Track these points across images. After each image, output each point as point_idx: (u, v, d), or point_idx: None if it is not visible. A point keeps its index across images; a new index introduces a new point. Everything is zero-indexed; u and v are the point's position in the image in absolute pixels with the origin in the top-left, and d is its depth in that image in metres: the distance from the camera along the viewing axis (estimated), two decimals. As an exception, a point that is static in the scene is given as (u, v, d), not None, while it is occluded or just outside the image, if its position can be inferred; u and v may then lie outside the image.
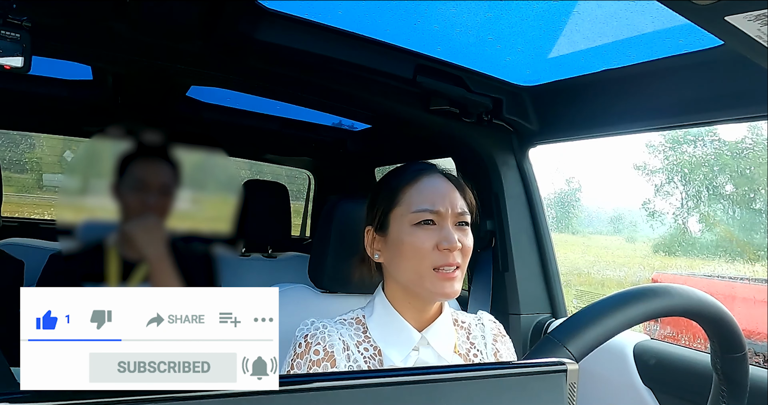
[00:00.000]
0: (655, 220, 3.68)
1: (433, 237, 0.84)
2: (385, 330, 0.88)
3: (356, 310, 0.94)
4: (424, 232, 0.85)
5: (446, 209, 0.86)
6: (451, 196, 0.88)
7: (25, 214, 2.94)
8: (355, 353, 0.86)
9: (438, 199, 0.86)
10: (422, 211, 0.85)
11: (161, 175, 1.42)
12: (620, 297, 0.53)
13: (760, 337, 2.31)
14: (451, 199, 0.87)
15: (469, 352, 0.93)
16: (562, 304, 1.46)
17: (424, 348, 0.88)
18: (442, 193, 0.87)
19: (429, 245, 0.84)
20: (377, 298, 0.92)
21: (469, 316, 0.99)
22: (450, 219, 0.86)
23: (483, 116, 1.39)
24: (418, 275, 0.84)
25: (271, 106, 1.90)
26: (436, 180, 0.90)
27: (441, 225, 0.85)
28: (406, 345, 0.87)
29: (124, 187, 1.41)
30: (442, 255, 0.83)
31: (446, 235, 0.84)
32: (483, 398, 0.37)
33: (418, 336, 0.87)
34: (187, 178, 1.47)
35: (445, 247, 0.83)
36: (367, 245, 0.92)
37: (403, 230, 0.86)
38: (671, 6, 0.47)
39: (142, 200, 1.39)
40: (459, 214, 0.87)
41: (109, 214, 1.43)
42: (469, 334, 0.96)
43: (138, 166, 1.41)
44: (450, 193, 0.88)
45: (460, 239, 0.85)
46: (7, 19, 0.94)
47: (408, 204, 0.87)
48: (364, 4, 1.12)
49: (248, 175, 2.76)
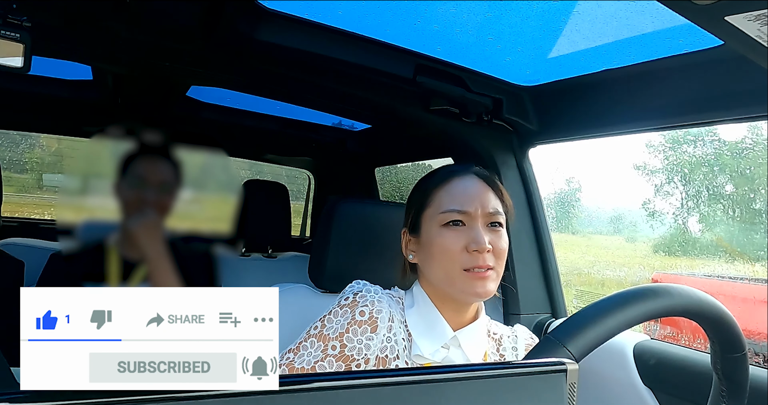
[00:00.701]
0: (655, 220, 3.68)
1: (461, 238, 0.83)
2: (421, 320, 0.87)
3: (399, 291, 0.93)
4: (453, 233, 0.83)
5: (476, 209, 0.84)
6: (482, 196, 0.86)
7: (25, 214, 2.94)
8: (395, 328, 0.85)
9: (467, 199, 0.85)
10: (450, 211, 0.84)
11: (161, 173, 1.42)
12: (620, 297, 0.53)
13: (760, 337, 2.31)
14: (482, 200, 0.86)
15: None
16: (562, 304, 1.46)
17: (454, 348, 0.87)
18: (472, 194, 0.86)
19: (458, 247, 0.82)
20: (416, 291, 0.90)
21: (503, 328, 0.98)
22: (480, 219, 0.84)
23: (483, 116, 1.39)
24: (449, 277, 0.83)
25: (271, 106, 1.90)
26: (468, 181, 0.88)
27: (470, 226, 0.84)
28: (438, 339, 0.85)
29: (124, 186, 1.41)
30: (472, 257, 0.82)
31: (475, 237, 0.82)
32: (483, 398, 0.37)
33: (452, 334, 0.86)
34: (188, 178, 1.47)
35: (474, 249, 0.81)
36: (403, 246, 0.93)
37: (432, 231, 0.85)
38: (671, 6, 0.47)
39: (140, 196, 1.39)
40: (490, 214, 0.85)
41: (110, 214, 1.43)
42: (500, 345, 0.95)
43: (138, 164, 1.42)
44: (481, 193, 0.87)
45: (491, 241, 0.83)
46: (7, 19, 0.94)
47: (437, 205, 0.86)
48: (364, 4, 1.12)
49: (248, 175, 2.76)
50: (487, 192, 0.87)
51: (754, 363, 0.74)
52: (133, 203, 1.40)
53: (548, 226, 1.47)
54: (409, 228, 0.92)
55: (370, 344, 0.82)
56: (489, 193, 0.87)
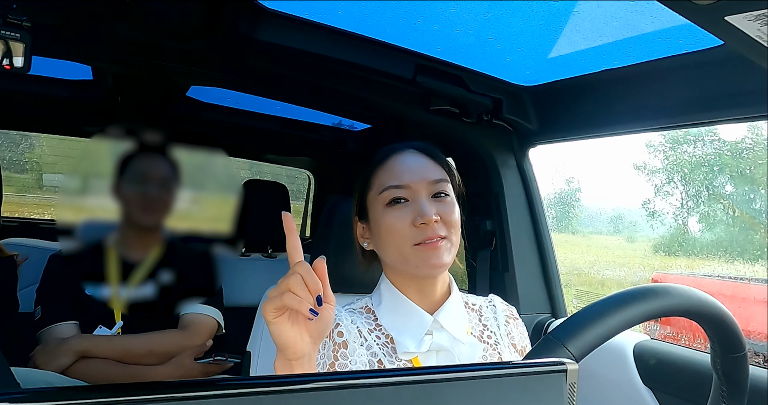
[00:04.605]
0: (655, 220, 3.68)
1: (407, 214, 0.80)
2: (395, 316, 0.84)
3: (364, 299, 0.90)
4: (397, 211, 0.80)
5: (416, 181, 0.81)
6: (421, 168, 0.83)
7: (25, 214, 2.94)
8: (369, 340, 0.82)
9: (405, 173, 0.82)
10: (390, 188, 0.81)
11: (161, 169, 1.43)
12: (620, 297, 0.53)
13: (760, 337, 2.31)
14: (422, 171, 0.82)
15: (483, 334, 0.89)
16: (562, 304, 1.46)
17: (437, 331, 0.83)
18: (411, 167, 0.82)
19: (405, 223, 0.79)
20: (383, 285, 0.88)
21: (479, 299, 0.95)
22: (424, 191, 0.81)
23: (483, 116, 1.39)
24: (402, 254, 0.80)
25: (271, 106, 1.90)
26: (406, 156, 0.85)
27: (414, 199, 0.80)
28: (418, 330, 0.82)
29: (124, 184, 1.41)
30: (420, 230, 0.79)
31: (420, 210, 0.79)
32: (483, 398, 0.37)
33: (430, 319, 0.83)
34: (188, 178, 1.47)
35: (421, 222, 0.78)
36: (356, 236, 0.90)
37: (378, 213, 0.82)
38: (671, 6, 0.47)
39: (142, 193, 1.40)
40: (433, 183, 0.82)
41: (109, 214, 1.43)
42: (481, 315, 0.92)
43: (138, 162, 1.42)
44: (420, 165, 0.83)
45: (438, 211, 0.79)
46: (7, 19, 0.94)
47: (378, 185, 0.83)
48: (364, 4, 1.12)
49: (248, 175, 2.76)
50: (427, 162, 0.84)
51: (754, 363, 0.75)
52: (134, 200, 1.40)
53: (548, 226, 1.47)
54: (357, 215, 0.89)
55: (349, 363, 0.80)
56: (430, 163, 0.84)
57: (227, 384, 0.32)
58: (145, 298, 1.42)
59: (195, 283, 1.48)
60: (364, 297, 0.91)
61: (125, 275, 1.42)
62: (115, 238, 1.46)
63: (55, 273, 1.40)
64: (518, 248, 1.43)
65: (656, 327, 2.56)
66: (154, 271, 1.45)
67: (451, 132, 1.46)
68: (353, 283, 1.07)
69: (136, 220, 1.42)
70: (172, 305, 1.44)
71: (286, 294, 0.60)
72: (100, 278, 1.40)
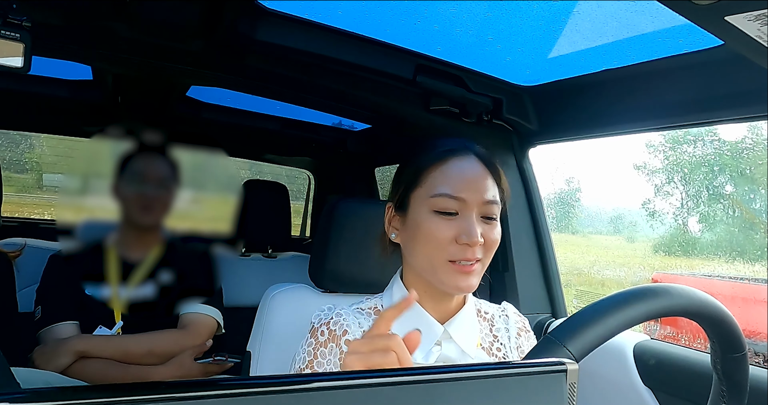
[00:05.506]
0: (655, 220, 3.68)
1: (452, 228, 0.76)
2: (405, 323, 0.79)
3: (373, 299, 0.87)
4: (444, 221, 0.76)
5: (472, 197, 0.77)
6: (480, 182, 0.78)
7: (25, 214, 2.94)
8: None
9: (464, 184, 0.77)
10: (443, 195, 0.77)
11: (159, 169, 1.43)
12: (620, 297, 0.53)
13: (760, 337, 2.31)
14: (480, 186, 0.78)
15: (492, 346, 0.87)
16: (562, 304, 1.46)
17: (446, 342, 0.81)
18: (470, 178, 0.78)
19: (447, 236, 0.76)
20: (395, 287, 0.85)
21: (492, 307, 0.92)
22: (476, 209, 0.77)
23: (483, 116, 1.39)
24: (432, 265, 0.77)
25: (271, 106, 1.90)
26: (467, 162, 0.80)
27: (464, 215, 0.77)
28: (428, 340, 0.79)
29: (123, 184, 1.41)
30: (461, 249, 0.75)
31: (468, 228, 0.75)
32: (483, 398, 0.37)
33: (441, 329, 0.80)
34: (188, 178, 1.47)
35: (464, 242, 0.75)
36: (387, 223, 0.85)
37: (421, 214, 0.78)
38: (671, 6, 0.47)
39: (141, 193, 1.40)
40: (487, 204, 0.78)
41: (109, 214, 1.43)
42: (492, 326, 0.89)
43: (137, 162, 1.43)
44: (480, 178, 0.79)
45: (483, 233, 0.76)
46: (7, 19, 0.94)
47: (430, 186, 0.78)
48: (364, 4, 1.12)
49: (248, 175, 2.76)
50: (486, 177, 0.80)
51: (754, 363, 0.74)
52: (133, 200, 1.41)
53: (548, 226, 1.47)
54: (395, 204, 0.84)
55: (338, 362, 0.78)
56: (488, 178, 0.80)
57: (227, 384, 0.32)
58: (145, 298, 1.42)
59: (195, 283, 1.49)
60: (373, 297, 0.88)
61: (125, 275, 1.43)
62: (115, 238, 1.46)
63: (55, 273, 1.40)
64: (518, 248, 1.42)
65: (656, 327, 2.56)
66: (154, 271, 1.45)
67: (451, 132, 1.46)
68: (353, 284, 1.07)
69: (134, 219, 1.42)
70: (172, 305, 1.44)
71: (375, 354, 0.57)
72: (100, 278, 1.40)
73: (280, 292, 1.08)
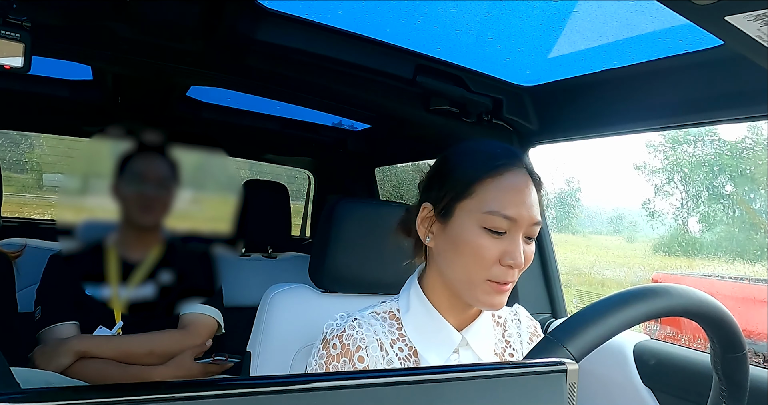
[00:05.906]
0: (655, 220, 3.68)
1: (499, 247, 0.74)
2: (422, 329, 0.79)
3: (390, 302, 0.85)
4: (492, 239, 0.75)
5: (523, 218, 0.75)
6: (532, 201, 0.77)
7: (25, 214, 2.94)
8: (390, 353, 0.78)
9: (517, 204, 0.75)
10: (498, 215, 0.74)
11: (159, 169, 1.43)
12: (620, 297, 0.53)
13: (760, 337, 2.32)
14: (531, 207, 0.76)
15: (505, 352, 0.87)
16: (562, 304, 1.46)
17: (463, 350, 0.80)
18: (523, 197, 0.76)
19: (493, 256, 0.74)
20: (412, 292, 0.83)
21: (505, 310, 0.91)
22: (523, 230, 0.76)
23: (483, 116, 1.39)
24: (470, 281, 0.76)
25: (271, 106, 1.90)
26: (521, 178, 0.77)
27: (511, 236, 0.75)
28: (446, 347, 0.79)
29: (123, 184, 1.42)
30: (503, 271, 0.75)
31: (513, 251, 0.74)
32: (483, 398, 0.37)
33: (459, 337, 0.80)
34: (187, 178, 1.47)
35: (508, 264, 0.74)
36: (420, 223, 0.81)
37: (468, 228, 0.75)
38: (671, 6, 0.47)
39: (140, 193, 1.40)
40: (534, 225, 0.77)
41: (109, 215, 1.43)
42: (505, 330, 0.89)
43: (136, 162, 1.43)
44: (531, 196, 0.77)
45: (525, 254, 0.76)
46: (7, 19, 0.94)
47: (482, 201, 0.75)
48: (364, 4, 1.12)
49: (248, 175, 2.76)
50: (535, 195, 0.78)
51: (754, 363, 0.75)
52: (132, 200, 1.41)
53: (548, 226, 1.47)
54: (437, 210, 0.79)
55: None
56: (536, 196, 0.78)
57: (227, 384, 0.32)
58: (145, 298, 1.42)
59: (195, 283, 1.49)
60: (389, 299, 0.86)
61: (125, 275, 1.43)
62: (115, 238, 1.46)
63: (55, 273, 1.40)
64: (518, 248, 1.42)
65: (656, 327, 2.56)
66: (154, 271, 1.45)
67: (451, 132, 1.46)
68: (353, 284, 1.07)
69: (134, 219, 1.42)
70: (172, 305, 1.44)
71: None
72: (100, 278, 1.40)
73: (280, 292, 1.08)
